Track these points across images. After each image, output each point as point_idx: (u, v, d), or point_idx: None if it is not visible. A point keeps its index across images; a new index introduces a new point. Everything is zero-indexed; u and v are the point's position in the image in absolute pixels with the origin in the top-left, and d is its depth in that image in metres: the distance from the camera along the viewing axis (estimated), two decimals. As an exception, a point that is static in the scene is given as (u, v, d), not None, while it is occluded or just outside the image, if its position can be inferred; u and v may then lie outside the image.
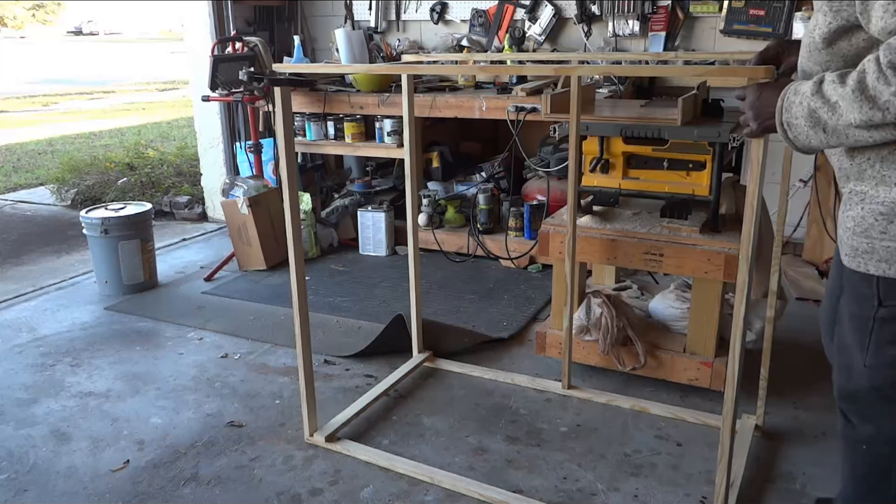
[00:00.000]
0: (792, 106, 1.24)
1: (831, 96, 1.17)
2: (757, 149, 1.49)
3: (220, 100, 3.79)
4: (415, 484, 2.01)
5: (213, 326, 3.09)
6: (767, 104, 1.32)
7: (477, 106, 3.53)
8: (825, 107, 1.18)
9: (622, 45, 3.84)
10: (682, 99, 2.20)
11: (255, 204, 3.67)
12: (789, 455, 2.11)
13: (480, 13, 4.11)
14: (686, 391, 2.43)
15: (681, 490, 1.96)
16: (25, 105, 12.56)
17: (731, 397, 1.68)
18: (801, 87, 1.24)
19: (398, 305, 3.13)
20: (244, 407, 2.45)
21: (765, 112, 1.34)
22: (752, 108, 1.37)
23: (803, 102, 1.22)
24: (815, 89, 1.20)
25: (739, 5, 3.54)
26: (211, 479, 2.06)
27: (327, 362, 2.74)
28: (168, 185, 5.43)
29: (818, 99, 1.19)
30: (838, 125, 1.17)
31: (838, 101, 1.15)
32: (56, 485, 2.05)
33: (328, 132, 4.00)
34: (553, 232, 2.42)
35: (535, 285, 3.47)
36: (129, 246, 3.45)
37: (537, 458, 2.12)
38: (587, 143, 2.40)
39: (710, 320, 2.31)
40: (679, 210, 2.35)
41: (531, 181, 3.86)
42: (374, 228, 3.97)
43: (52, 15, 42.52)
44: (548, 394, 2.47)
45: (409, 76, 2.40)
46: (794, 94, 1.25)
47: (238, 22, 4.29)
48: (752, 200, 1.52)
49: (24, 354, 2.88)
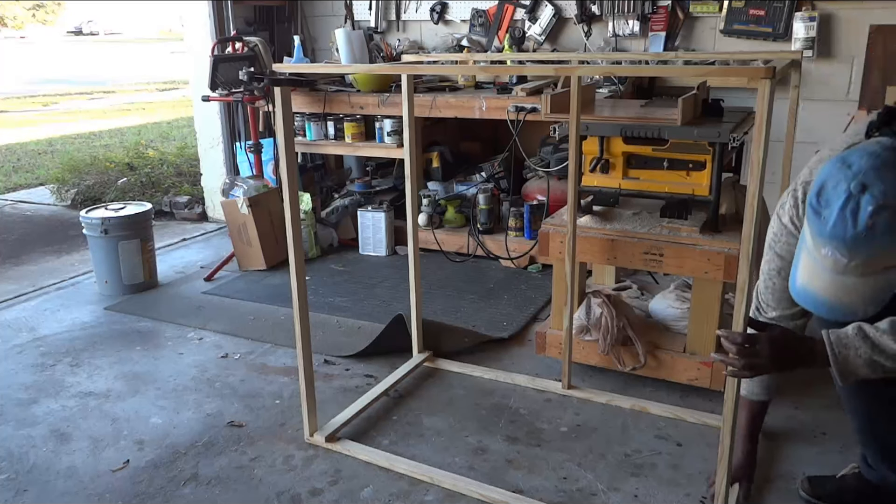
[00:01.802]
0: (847, 359, 1.39)
1: (889, 349, 1.36)
2: (757, 149, 1.49)
3: (220, 100, 3.79)
4: (415, 484, 2.01)
5: (213, 326, 3.09)
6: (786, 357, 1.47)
7: (477, 106, 3.53)
8: (885, 359, 1.37)
9: (622, 45, 3.84)
10: (682, 99, 2.20)
11: (255, 204, 3.67)
12: (789, 455, 2.11)
13: (480, 13, 4.11)
14: (686, 391, 2.43)
15: (681, 490, 1.96)
16: (25, 105, 12.55)
17: (731, 397, 1.68)
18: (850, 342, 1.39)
19: (398, 305, 3.13)
20: (244, 407, 2.45)
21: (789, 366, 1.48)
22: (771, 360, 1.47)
23: (861, 356, 1.38)
24: (871, 346, 1.37)
25: (739, 5, 3.54)
26: (211, 479, 2.06)
27: (327, 362, 2.74)
28: (168, 185, 5.43)
29: (878, 353, 1.37)
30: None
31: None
32: (56, 485, 2.05)
33: (328, 132, 4.00)
34: (553, 232, 2.42)
35: (535, 285, 3.47)
36: (129, 246, 3.45)
37: (537, 458, 2.12)
38: (587, 143, 2.40)
39: (710, 320, 2.31)
40: (679, 210, 2.35)
41: (531, 181, 3.86)
42: (374, 228, 3.97)
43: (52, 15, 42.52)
44: (548, 394, 2.47)
45: (409, 76, 2.40)
46: (845, 347, 1.39)
47: (238, 22, 4.29)
48: (753, 200, 1.52)
49: (24, 354, 2.88)
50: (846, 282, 1.27)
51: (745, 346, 1.47)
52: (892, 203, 1.19)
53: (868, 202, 1.19)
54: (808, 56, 3.41)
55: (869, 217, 1.19)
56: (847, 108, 3.45)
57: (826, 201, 1.24)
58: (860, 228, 1.20)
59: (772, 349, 1.46)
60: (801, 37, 3.41)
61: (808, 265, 1.33)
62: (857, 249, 1.22)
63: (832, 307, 1.32)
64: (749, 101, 3.45)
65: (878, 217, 1.19)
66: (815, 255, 1.29)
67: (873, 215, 1.19)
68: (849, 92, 3.45)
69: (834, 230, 1.22)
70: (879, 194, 1.19)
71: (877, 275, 1.26)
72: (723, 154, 2.21)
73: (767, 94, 1.44)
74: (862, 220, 1.20)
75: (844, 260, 1.24)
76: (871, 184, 1.20)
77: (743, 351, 1.47)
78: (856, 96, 3.42)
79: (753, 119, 2.52)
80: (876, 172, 1.21)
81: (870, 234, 1.20)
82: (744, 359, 1.47)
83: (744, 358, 1.47)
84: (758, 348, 1.47)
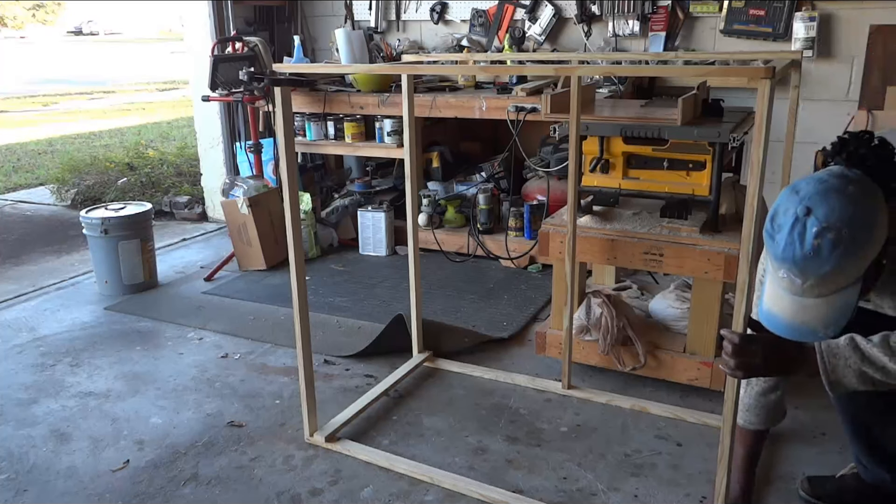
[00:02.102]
0: (837, 368, 1.41)
1: (878, 361, 1.38)
2: (757, 149, 1.49)
3: (220, 100, 3.79)
4: (415, 484, 2.01)
5: (213, 326, 3.09)
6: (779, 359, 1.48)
7: (477, 106, 3.53)
8: (875, 371, 1.39)
9: (622, 45, 3.84)
10: (682, 99, 2.20)
11: (255, 204, 3.67)
12: (789, 455, 2.11)
13: (480, 13, 4.11)
14: (686, 391, 2.43)
15: (681, 490, 1.96)
16: (25, 105, 12.55)
17: (731, 397, 1.68)
18: (840, 352, 1.41)
19: (398, 305, 3.13)
20: (244, 407, 2.45)
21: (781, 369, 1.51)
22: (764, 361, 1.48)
23: (851, 366, 1.40)
24: (861, 357, 1.40)
25: (739, 5, 3.54)
26: (211, 479, 2.06)
27: (327, 362, 2.74)
28: (168, 185, 5.43)
29: (867, 365, 1.39)
30: (888, 380, 1.39)
31: (886, 365, 1.37)
32: (56, 485, 2.05)
33: (328, 132, 4.01)
34: (553, 232, 2.42)
35: (535, 285, 3.47)
36: (129, 246, 3.45)
37: (537, 458, 2.12)
38: (587, 143, 2.40)
39: (710, 320, 2.31)
40: (679, 210, 2.34)
41: (531, 181, 3.86)
42: (374, 228, 3.97)
43: (52, 15, 42.50)
44: (548, 394, 2.47)
45: (409, 76, 2.40)
46: (835, 357, 1.41)
47: (238, 22, 4.29)
48: (753, 200, 1.52)
49: (24, 354, 2.88)
50: (804, 303, 1.34)
51: (741, 346, 1.48)
52: (835, 224, 1.26)
53: (812, 224, 1.27)
54: (808, 56, 3.41)
55: (814, 238, 1.27)
56: (847, 108, 3.45)
57: (778, 226, 1.32)
58: (807, 249, 1.28)
59: (766, 351, 1.47)
60: (801, 37, 3.41)
61: (770, 288, 1.40)
62: (807, 270, 1.29)
63: (793, 329, 1.37)
64: (749, 101, 3.45)
65: (821, 238, 1.26)
66: (774, 278, 1.37)
67: (817, 236, 1.26)
68: (849, 92, 3.45)
69: (785, 252, 1.30)
70: (822, 217, 1.27)
71: (832, 295, 1.32)
72: (723, 154, 2.21)
73: (767, 93, 1.44)
74: (808, 241, 1.27)
75: (799, 281, 1.31)
76: (815, 207, 1.28)
77: (738, 350, 1.48)
78: (856, 96, 3.42)
79: (753, 119, 2.52)
80: (820, 196, 1.29)
81: (816, 254, 1.27)
82: (737, 358, 1.48)
83: (737, 357, 1.48)
84: (753, 349, 1.48)
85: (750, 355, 1.47)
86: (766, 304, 1.40)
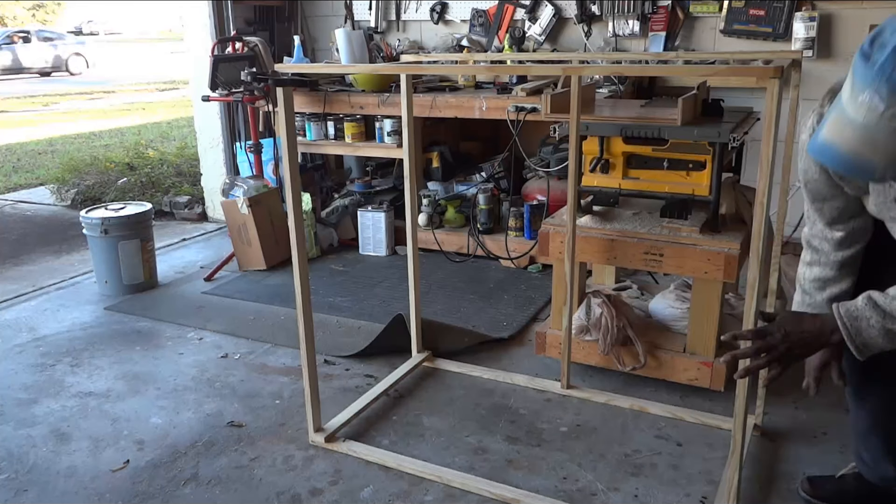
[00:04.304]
0: (861, 331, 1.38)
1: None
2: (766, 147, 1.49)
3: (220, 100, 3.79)
4: (415, 484, 2.01)
5: (213, 326, 3.09)
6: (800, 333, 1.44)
7: (477, 106, 3.53)
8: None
9: (622, 45, 3.84)
10: (682, 99, 2.20)
11: (255, 204, 3.67)
12: (789, 455, 2.11)
13: (480, 13, 4.11)
14: (686, 391, 2.43)
15: (681, 490, 1.96)
16: (25, 105, 12.55)
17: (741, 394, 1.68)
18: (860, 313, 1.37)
19: (398, 305, 3.13)
20: (244, 407, 2.45)
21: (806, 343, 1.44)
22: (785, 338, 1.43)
23: (874, 326, 1.36)
24: (882, 314, 1.36)
25: (739, 5, 3.54)
26: (211, 479, 2.06)
27: (327, 362, 2.74)
28: (168, 185, 5.42)
29: (890, 321, 1.35)
30: None
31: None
32: (56, 485, 2.05)
33: (328, 132, 4.00)
34: (553, 232, 2.42)
35: (535, 285, 3.46)
36: (129, 246, 3.45)
37: (537, 458, 2.12)
38: (587, 143, 2.40)
39: (710, 320, 2.31)
40: (679, 210, 2.34)
41: (531, 181, 3.86)
42: (374, 228, 3.97)
43: (52, 15, 42.49)
44: (548, 394, 2.47)
45: (408, 76, 2.40)
46: (857, 319, 1.38)
47: (238, 22, 4.29)
48: (762, 198, 1.52)
49: (24, 354, 2.88)
50: (874, 135, 1.22)
51: (760, 334, 1.44)
52: None
53: None
54: (808, 56, 3.41)
55: None
56: (847, 108, 3.44)
57: (881, 44, 1.21)
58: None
59: (787, 326, 1.43)
60: (801, 37, 3.41)
61: (836, 121, 1.28)
62: None
63: (850, 163, 1.27)
64: (749, 101, 3.45)
65: None
66: (849, 107, 1.25)
67: None
68: (849, 92, 3.45)
69: (881, 70, 1.18)
70: None
71: None
72: (723, 154, 2.21)
73: (776, 93, 1.44)
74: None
75: (881, 107, 1.20)
76: None
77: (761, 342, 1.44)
78: (856, 96, 3.41)
79: (753, 119, 2.52)
80: None
81: None
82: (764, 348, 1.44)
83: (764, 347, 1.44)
84: (769, 328, 1.43)
85: (773, 341, 1.43)
86: (824, 135, 1.29)
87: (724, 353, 2.34)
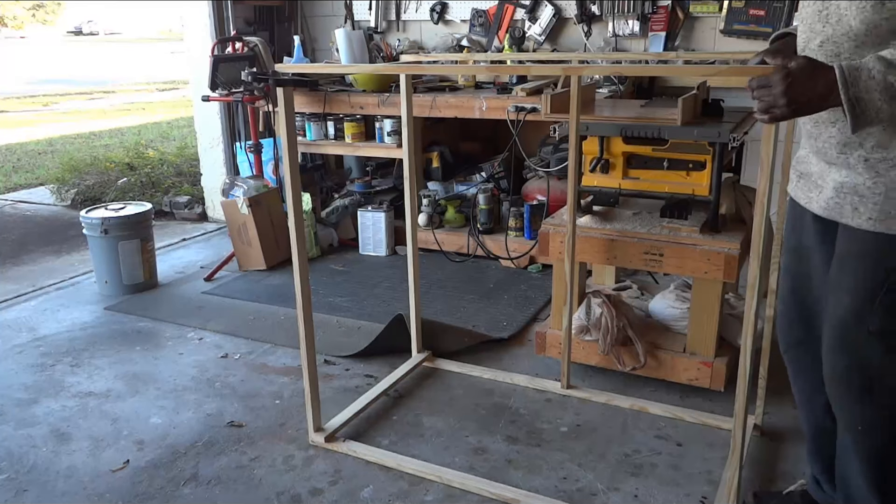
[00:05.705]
0: (859, 81, 1.23)
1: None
2: (767, 144, 1.49)
3: (220, 100, 3.79)
4: (415, 484, 2.01)
5: (213, 326, 3.09)
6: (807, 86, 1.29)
7: (477, 106, 3.53)
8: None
9: (622, 45, 3.84)
10: (682, 99, 2.20)
11: (255, 204, 3.67)
12: (789, 455, 2.11)
13: (480, 13, 4.11)
14: (686, 391, 2.43)
15: (681, 490, 1.96)
16: (25, 105, 12.55)
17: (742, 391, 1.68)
18: (865, 63, 1.23)
19: (398, 305, 3.13)
20: (244, 407, 2.45)
21: (802, 93, 1.29)
22: (786, 92, 1.31)
23: (875, 77, 1.22)
24: (886, 63, 1.21)
25: (739, 5, 3.54)
26: (211, 479, 2.06)
27: (327, 362, 2.74)
28: (168, 185, 5.43)
29: (893, 72, 1.21)
30: None
31: None
32: (56, 485, 2.05)
33: (328, 132, 4.01)
34: (553, 232, 2.42)
35: (535, 285, 3.47)
36: (129, 246, 3.45)
37: (537, 458, 2.12)
38: (587, 143, 2.40)
39: (710, 320, 2.31)
40: (679, 210, 2.34)
41: (531, 181, 3.86)
42: (374, 228, 3.97)
43: (52, 15, 42.51)
44: (547, 394, 2.47)
45: (407, 76, 2.40)
46: (857, 70, 1.23)
47: (238, 22, 4.29)
48: (763, 198, 1.52)
49: (24, 354, 2.88)
50: None
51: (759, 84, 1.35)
52: None
53: None
54: (808, 56, 3.41)
55: None
56: (847, 108, 3.44)
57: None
58: None
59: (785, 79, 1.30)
60: (801, 37, 3.41)
61: None
62: None
63: None
64: (749, 101, 3.43)
65: None
66: None
67: None
68: (849, 92, 3.44)
69: None
70: None
71: None
72: (723, 154, 2.21)
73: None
74: None
75: None
76: None
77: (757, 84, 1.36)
78: (855, 96, 3.41)
79: (753, 119, 2.52)
80: None
81: None
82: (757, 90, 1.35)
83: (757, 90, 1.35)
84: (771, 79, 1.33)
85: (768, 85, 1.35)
86: None
87: (724, 353, 2.36)
